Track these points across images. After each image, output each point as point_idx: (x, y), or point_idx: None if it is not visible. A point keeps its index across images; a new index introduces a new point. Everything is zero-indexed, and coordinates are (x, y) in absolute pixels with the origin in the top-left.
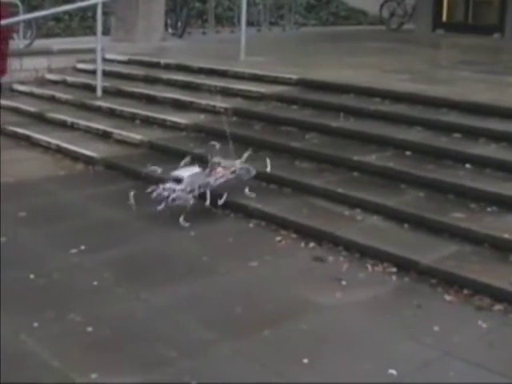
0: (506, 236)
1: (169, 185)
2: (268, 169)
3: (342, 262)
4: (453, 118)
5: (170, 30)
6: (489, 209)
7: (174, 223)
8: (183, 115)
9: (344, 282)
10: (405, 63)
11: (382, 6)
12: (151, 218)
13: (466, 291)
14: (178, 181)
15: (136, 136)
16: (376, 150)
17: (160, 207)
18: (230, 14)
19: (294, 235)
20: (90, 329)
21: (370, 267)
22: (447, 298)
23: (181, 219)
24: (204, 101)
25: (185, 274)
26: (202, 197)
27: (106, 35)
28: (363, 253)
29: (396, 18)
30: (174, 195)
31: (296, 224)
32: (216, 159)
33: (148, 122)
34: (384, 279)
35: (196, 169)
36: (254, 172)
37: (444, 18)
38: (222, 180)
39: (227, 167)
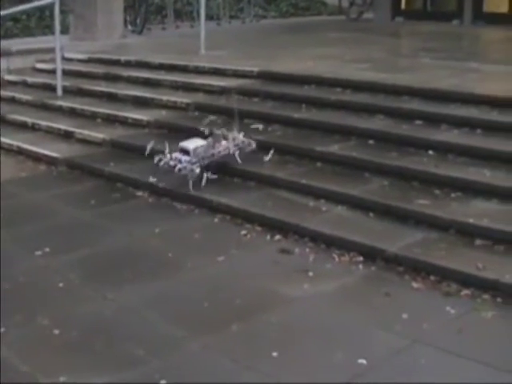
0: (471, 221)
1: (175, 155)
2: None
3: (308, 254)
4: (414, 105)
5: (129, 27)
6: (453, 194)
7: (136, 221)
8: (145, 112)
9: (311, 273)
10: (365, 52)
11: None
12: (117, 216)
13: (433, 278)
14: (185, 152)
15: (98, 135)
16: (339, 140)
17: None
18: (190, 8)
19: (259, 228)
20: (56, 331)
21: (336, 257)
22: (415, 285)
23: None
24: (165, 97)
25: (151, 272)
26: (205, 168)
27: (65, 34)
28: (329, 243)
29: (355, 7)
30: (179, 166)
31: (261, 217)
32: (219, 131)
33: (109, 120)
34: (351, 269)
35: (201, 141)
36: (254, 145)
37: (403, 5)
38: (225, 152)
39: (231, 139)
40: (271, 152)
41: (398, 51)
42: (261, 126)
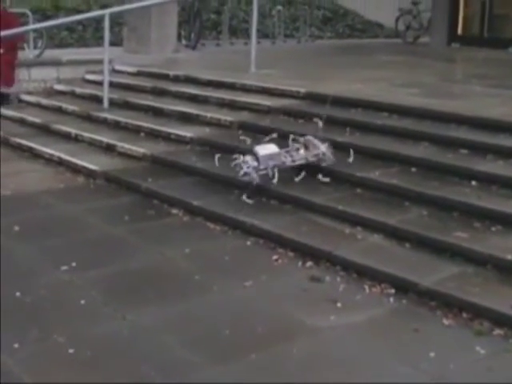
0: (510, 257)
1: (248, 158)
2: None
3: (338, 283)
4: (461, 133)
5: (183, 42)
6: (493, 228)
7: (167, 240)
8: (188, 128)
9: (339, 304)
10: (416, 77)
11: (397, 18)
12: (149, 234)
13: (465, 315)
14: (256, 157)
15: (139, 149)
16: (381, 166)
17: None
18: (245, 25)
19: (291, 254)
20: (71, 350)
21: (367, 288)
22: (446, 321)
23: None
24: (210, 114)
25: (176, 293)
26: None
27: (119, 46)
28: (361, 273)
29: (412, 31)
30: (244, 170)
31: (294, 242)
32: (302, 139)
33: (153, 134)
34: (381, 301)
35: (274, 148)
36: (333, 159)
37: (459, 31)
38: (301, 161)
39: (310, 149)
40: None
41: (449, 77)
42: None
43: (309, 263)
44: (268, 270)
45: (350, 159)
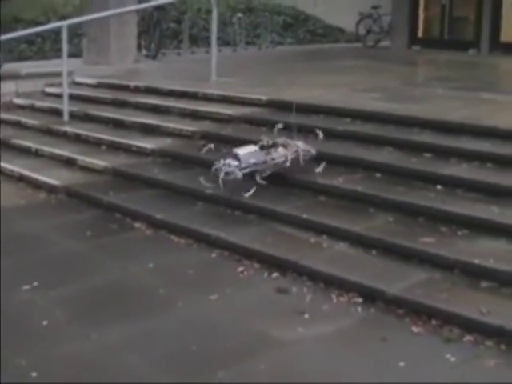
0: (477, 261)
1: (228, 160)
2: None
3: (305, 293)
4: (424, 137)
5: (143, 52)
6: (460, 232)
7: (131, 254)
8: (150, 140)
9: (307, 315)
10: (378, 81)
11: (358, 23)
12: (111, 249)
13: (434, 322)
14: (236, 157)
15: (100, 162)
16: (344, 172)
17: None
18: (206, 34)
19: (257, 265)
20: (34, 374)
21: (334, 298)
22: (415, 329)
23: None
24: (172, 124)
25: (140, 310)
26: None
27: (79, 57)
28: (328, 282)
29: (372, 34)
30: (227, 169)
31: (259, 253)
32: (280, 139)
33: (114, 147)
34: (349, 310)
35: (254, 147)
36: (313, 152)
37: (420, 34)
38: (281, 159)
39: (289, 147)
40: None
41: (411, 80)
42: None
43: (275, 274)
44: (234, 282)
45: (319, 169)
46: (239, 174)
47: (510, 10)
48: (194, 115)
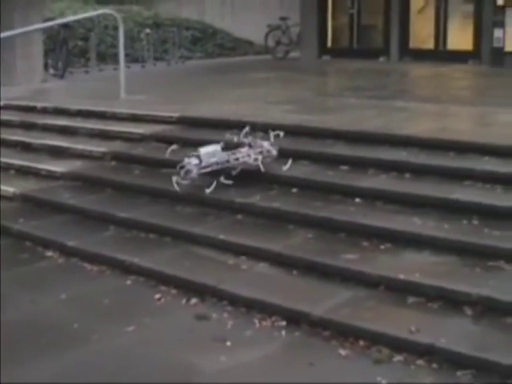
0: (402, 277)
1: (191, 159)
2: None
3: (226, 319)
4: (339, 149)
5: (51, 71)
6: (382, 246)
7: (42, 285)
8: (59, 163)
9: (229, 343)
10: (290, 93)
11: (267, 35)
12: (22, 281)
13: (362, 343)
14: (197, 156)
15: (8, 188)
16: (260, 189)
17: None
18: (114, 50)
19: (174, 291)
20: None
21: (257, 322)
22: (342, 352)
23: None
24: (81, 146)
25: (52, 347)
26: (218, 173)
27: None
28: (249, 306)
29: (282, 46)
30: (188, 168)
31: (176, 278)
32: (245, 140)
33: (22, 171)
34: (273, 335)
35: (216, 147)
36: (275, 152)
37: (329, 44)
38: (244, 159)
39: (254, 146)
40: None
41: (323, 91)
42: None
43: (193, 300)
44: (151, 311)
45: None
46: (194, 173)
47: (418, 17)
48: (104, 135)
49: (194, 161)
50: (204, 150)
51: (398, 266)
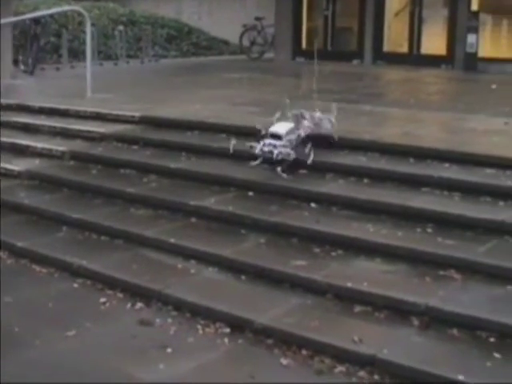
0: (350, 285)
1: (269, 141)
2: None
3: (170, 325)
4: None
5: (21, 67)
6: (334, 253)
7: None
8: (18, 161)
9: (170, 350)
10: (259, 94)
11: (242, 35)
12: None
13: (305, 352)
14: (277, 137)
15: None
16: (217, 192)
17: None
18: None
19: (120, 295)
20: None
21: (200, 329)
22: (284, 361)
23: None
24: (40, 144)
25: None
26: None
27: None
28: (194, 312)
29: (257, 46)
30: (276, 151)
31: (123, 282)
32: (299, 111)
33: None
34: (215, 343)
35: (290, 124)
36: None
37: (304, 45)
38: (308, 131)
39: (311, 118)
40: None
41: (292, 93)
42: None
43: (139, 305)
44: (94, 315)
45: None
46: (292, 154)
47: (393, 21)
48: (65, 134)
49: (278, 142)
50: (283, 129)
51: (347, 274)
